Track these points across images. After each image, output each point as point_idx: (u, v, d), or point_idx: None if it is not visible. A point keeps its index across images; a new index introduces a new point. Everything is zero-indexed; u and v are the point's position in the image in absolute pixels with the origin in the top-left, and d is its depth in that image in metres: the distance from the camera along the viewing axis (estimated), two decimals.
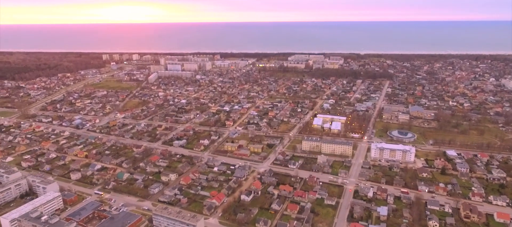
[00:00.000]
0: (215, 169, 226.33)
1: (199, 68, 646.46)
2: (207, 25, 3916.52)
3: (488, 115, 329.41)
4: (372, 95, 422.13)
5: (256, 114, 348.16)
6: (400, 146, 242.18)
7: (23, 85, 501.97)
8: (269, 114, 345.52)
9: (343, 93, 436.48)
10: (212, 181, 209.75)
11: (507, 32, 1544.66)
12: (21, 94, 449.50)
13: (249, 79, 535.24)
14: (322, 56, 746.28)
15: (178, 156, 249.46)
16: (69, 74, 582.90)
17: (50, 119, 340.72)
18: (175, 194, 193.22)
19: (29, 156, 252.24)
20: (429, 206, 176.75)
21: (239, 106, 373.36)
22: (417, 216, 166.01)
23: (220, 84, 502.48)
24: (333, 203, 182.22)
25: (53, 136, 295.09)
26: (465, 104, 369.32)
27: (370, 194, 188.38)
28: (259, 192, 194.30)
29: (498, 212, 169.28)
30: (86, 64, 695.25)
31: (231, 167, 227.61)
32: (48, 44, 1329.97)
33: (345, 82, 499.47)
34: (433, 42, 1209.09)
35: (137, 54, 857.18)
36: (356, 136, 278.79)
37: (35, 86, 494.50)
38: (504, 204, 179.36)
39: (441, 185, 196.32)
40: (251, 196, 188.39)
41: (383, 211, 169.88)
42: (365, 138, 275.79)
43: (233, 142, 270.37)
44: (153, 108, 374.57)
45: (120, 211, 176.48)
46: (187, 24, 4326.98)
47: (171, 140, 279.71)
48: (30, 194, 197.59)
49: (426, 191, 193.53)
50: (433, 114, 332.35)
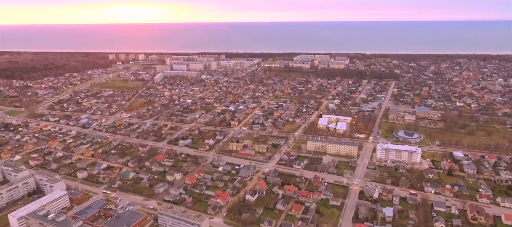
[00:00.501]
0: (220, 168, 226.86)
1: (204, 68, 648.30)
2: (212, 25, 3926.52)
3: (496, 116, 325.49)
4: (378, 95, 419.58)
5: (261, 113, 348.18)
6: (406, 147, 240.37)
7: (31, 84, 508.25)
8: (274, 114, 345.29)
9: (349, 93, 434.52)
10: (217, 180, 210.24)
11: None
12: (29, 93, 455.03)
13: (254, 79, 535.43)
14: (328, 56, 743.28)
15: (183, 155, 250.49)
16: (76, 74, 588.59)
17: (57, 118, 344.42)
18: (180, 194, 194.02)
19: (36, 154, 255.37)
20: (435, 208, 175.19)
21: (244, 106, 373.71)
22: (423, 217, 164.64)
23: (225, 84, 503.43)
24: (338, 204, 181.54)
25: (60, 135, 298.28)
26: (473, 105, 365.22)
27: (376, 195, 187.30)
28: (264, 192, 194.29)
29: (506, 214, 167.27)
30: (92, 64, 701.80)
31: (236, 167, 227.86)
32: (55, 44, 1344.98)
33: (350, 82, 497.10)
34: (439, 42, 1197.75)
35: (143, 54, 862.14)
36: (362, 136, 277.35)
37: (43, 85, 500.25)
38: None
39: (448, 186, 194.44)
40: (256, 196, 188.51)
41: (388, 212, 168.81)
42: (371, 138, 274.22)
43: (238, 142, 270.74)
44: (159, 108, 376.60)
45: (126, 210, 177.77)
46: (192, 24, 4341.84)
47: (176, 140, 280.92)
48: (37, 192, 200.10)
49: (432, 192, 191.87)
50: (439, 115, 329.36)
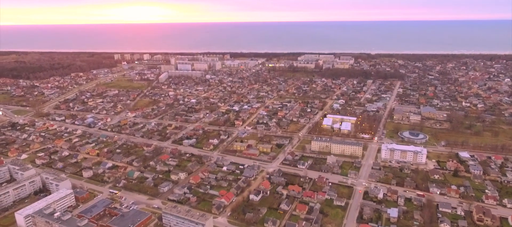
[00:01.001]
0: (224, 168, 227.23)
1: (209, 68, 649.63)
2: (217, 25, 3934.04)
3: (503, 116, 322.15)
4: (383, 95, 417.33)
5: (265, 113, 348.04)
6: (411, 147, 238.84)
7: (37, 84, 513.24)
8: (279, 113, 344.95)
9: (354, 93, 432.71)
10: (221, 180, 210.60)
11: None
12: (36, 93, 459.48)
13: (259, 79, 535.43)
14: (332, 56, 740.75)
15: (187, 155, 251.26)
16: (81, 74, 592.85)
17: (63, 118, 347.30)
18: (185, 193, 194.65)
19: (43, 153, 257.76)
20: (440, 209, 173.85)
21: (248, 106, 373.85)
22: (428, 218, 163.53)
23: (229, 84, 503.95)
24: (343, 204, 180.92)
25: (66, 134, 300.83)
26: (479, 105, 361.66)
27: (380, 195, 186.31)
28: (268, 192, 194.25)
29: None
30: (98, 64, 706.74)
31: (240, 167, 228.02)
32: (61, 44, 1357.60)
33: (355, 82, 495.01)
34: (446, 42, 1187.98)
35: (148, 54, 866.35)
36: (366, 136, 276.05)
37: (49, 85, 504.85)
38: None
39: (453, 187, 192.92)
40: (260, 196, 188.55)
41: (393, 212, 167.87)
42: (376, 138, 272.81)
43: (242, 142, 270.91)
44: (164, 108, 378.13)
45: (131, 209, 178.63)
46: (197, 24, 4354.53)
47: (181, 139, 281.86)
48: (43, 190, 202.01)
49: (438, 193, 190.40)
50: (445, 115, 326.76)
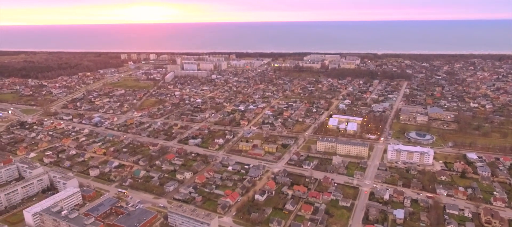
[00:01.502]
0: (230, 168, 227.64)
1: (214, 68, 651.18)
2: (223, 25, 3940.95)
3: (511, 117, 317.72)
4: (389, 96, 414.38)
5: (271, 113, 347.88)
6: (418, 148, 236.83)
7: (45, 84, 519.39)
8: (284, 113, 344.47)
9: (360, 93, 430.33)
10: (226, 180, 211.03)
11: None
12: (44, 92, 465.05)
13: (264, 79, 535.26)
14: (338, 56, 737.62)
15: (193, 154, 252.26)
16: (89, 74, 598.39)
17: (71, 117, 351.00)
18: (190, 192, 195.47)
19: (50, 152, 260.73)
20: (447, 210, 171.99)
21: (254, 106, 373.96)
22: (435, 220, 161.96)
23: (235, 84, 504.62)
24: (348, 205, 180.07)
25: (73, 133, 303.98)
26: (487, 106, 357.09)
27: (386, 197, 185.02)
28: (273, 192, 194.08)
29: None
30: (105, 64, 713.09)
31: (245, 167, 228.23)
32: (69, 44, 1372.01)
33: (361, 82, 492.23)
34: (453, 42, 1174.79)
35: (154, 54, 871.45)
36: (373, 137, 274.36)
37: (57, 85, 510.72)
38: None
39: (461, 188, 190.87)
40: (265, 196, 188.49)
41: (399, 214, 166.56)
42: (382, 139, 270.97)
43: (247, 142, 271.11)
44: (169, 107, 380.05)
45: (137, 207, 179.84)
46: (203, 24, 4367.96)
47: (186, 139, 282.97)
48: (51, 189, 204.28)
49: (445, 194, 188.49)
50: (453, 116, 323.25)
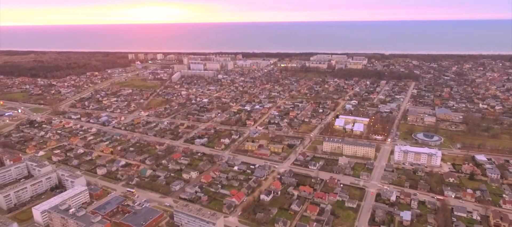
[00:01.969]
0: (235, 168, 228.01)
1: (221, 68, 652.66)
2: (229, 25, 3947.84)
3: None
4: (396, 96, 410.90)
5: (277, 113, 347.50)
6: (426, 149, 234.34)
7: (54, 83, 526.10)
8: (290, 114, 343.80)
9: (366, 94, 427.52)
10: (232, 179, 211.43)
11: None
12: (53, 92, 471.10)
13: (271, 79, 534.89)
14: (345, 56, 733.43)
15: (199, 154, 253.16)
16: (96, 73, 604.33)
17: (79, 116, 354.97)
18: (196, 192, 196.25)
19: (59, 150, 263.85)
20: (455, 212, 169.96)
21: (260, 106, 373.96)
22: (442, 222, 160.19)
23: (241, 83, 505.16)
24: (354, 206, 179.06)
25: (81, 132, 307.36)
26: (497, 107, 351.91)
27: (393, 198, 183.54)
28: (279, 192, 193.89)
29: None
30: (112, 63, 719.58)
31: (251, 166, 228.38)
32: (77, 44, 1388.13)
33: (368, 83, 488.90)
34: (462, 42, 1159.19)
35: (161, 54, 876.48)
36: (379, 138, 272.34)
37: (66, 84, 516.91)
38: None
39: (469, 190, 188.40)
40: (270, 196, 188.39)
41: (406, 215, 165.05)
42: (389, 140, 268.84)
43: (253, 142, 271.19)
44: (176, 107, 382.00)
45: (143, 206, 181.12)
46: (209, 24, 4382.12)
47: (192, 138, 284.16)
48: (59, 187, 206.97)
49: (453, 196, 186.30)
50: (461, 117, 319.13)
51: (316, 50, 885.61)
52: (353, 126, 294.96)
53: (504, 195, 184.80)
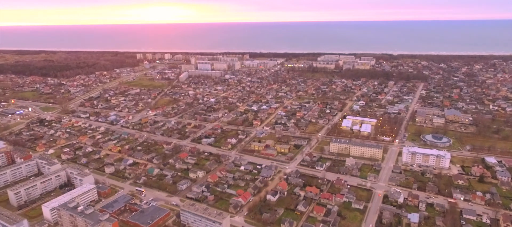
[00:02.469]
0: (242, 168, 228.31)
1: (228, 68, 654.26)
2: (236, 25, 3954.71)
3: None
4: (405, 97, 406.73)
5: (284, 114, 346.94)
6: (434, 151, 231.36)
7: (64, 82, 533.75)
8: (297, 114, 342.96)
9: (374, 95, 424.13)
10: (238, 179, 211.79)
11: None
12: (62, 91, 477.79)
13: (278, 79, 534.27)
14: (353, 57, 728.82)
15: (206, 153, 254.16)
16: (105, 73, 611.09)
17: (88, 115, 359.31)
18: (202, 191, 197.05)
19: (68, 149, 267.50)
20: (464, 215, 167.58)
21: (267, 106, 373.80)
22: (451, 225, 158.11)
23: (248, 84, 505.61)
24: (361, 207, 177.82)
25: (90, 131, 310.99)
26: (508, 109, 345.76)
27: (401, 200, 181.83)
28: (285, 193, 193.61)
29: None
30: (121, 63, 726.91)
31: (257, 167, 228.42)
32: (87, 44, 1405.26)
33: (376, 83, 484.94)
34: (472, 42, 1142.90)
35: (169, 54, 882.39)
36: (387, 139, 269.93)
37: (75, 83, 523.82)
38: None
39: (479, 193, 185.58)
40: (277, 196, 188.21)
41: (414, 218, 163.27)
42: (397, 141, 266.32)
43: (260, 142, 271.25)
44: (183, 107, 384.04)
45: (150, 205, 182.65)
46: (217, 24, 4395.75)
47: (199, 138, 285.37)
48: (68, 185, 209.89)
49: (462, 199, 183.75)
50: (471, 118, 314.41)
51: (324, 50, 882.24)
52: (360, 127, 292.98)
53: None
